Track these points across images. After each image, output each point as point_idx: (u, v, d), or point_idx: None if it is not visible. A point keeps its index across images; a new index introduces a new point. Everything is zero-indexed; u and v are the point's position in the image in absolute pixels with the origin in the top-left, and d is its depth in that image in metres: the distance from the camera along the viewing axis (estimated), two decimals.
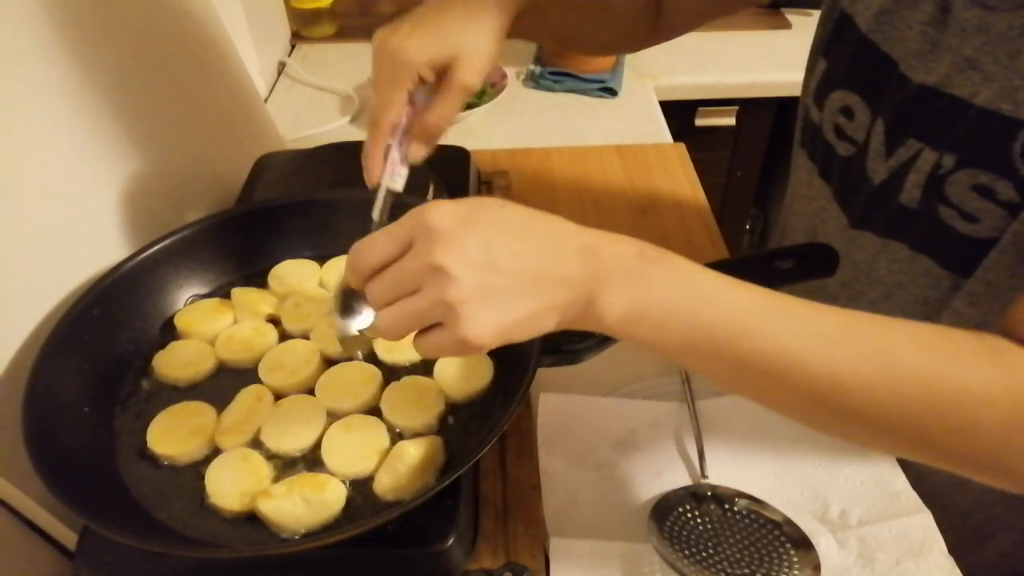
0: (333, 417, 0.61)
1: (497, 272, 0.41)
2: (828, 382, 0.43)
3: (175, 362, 0.65)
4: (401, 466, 0.55)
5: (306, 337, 0.69)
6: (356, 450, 0.58)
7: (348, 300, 0.52)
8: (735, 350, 0.43)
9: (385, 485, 0.56)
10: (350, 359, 0.66)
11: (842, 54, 0.66)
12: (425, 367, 0.65)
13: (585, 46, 0.88)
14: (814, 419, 0.47)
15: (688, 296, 0.43)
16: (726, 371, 0.45)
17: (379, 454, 0.58)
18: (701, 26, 0.79)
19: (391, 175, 0.58)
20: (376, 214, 0.58)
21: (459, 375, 0.64)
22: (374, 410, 0.62)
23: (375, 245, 0.44)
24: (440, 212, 0.42)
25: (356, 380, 0.64)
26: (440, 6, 0.57)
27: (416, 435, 0.59)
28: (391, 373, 0.65)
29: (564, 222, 0.44)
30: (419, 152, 0.59)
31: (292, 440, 0.60)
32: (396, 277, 0.43)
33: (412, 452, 0.56)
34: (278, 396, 0.63)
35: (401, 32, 0.56)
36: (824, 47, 0.69)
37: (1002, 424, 0.42)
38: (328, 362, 0.66)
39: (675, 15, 0.77)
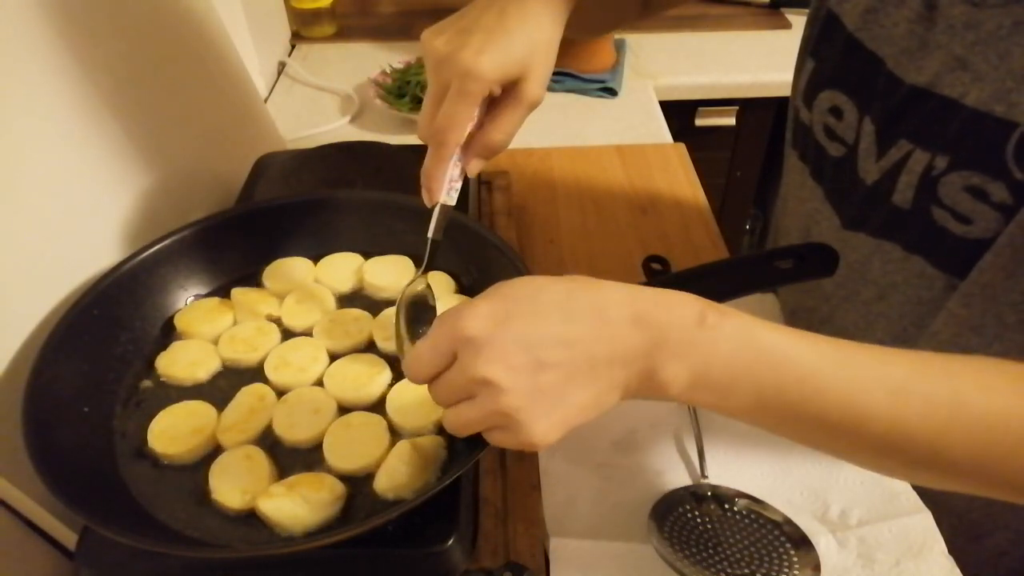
0: (342, 408, 0.62)
1: (546, 370, 0.40)
2: (897, 434, 0.42)
3: (179, 362, 0.65)
4: (401, 465, 0.55)
5: (308, 333, 0.69)
6: (357, 447, 0.58)
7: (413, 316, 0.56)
8: (803, 410, 0.42)
9: (385, 484, 0.56)
10: (356, 352, 0.67)
11: (829, 54, 0.66)
12: None
13: (591, 29, 0.88)
14: (885, 468, 0.47)
15: (752, 360, 0.42)
16: (796, 429, 0.45)
17: (380, 452, 0.58)
18: (682, 4, 0.79)
19: (448, 191, 0.57)
20: (432, 232, 0.57)
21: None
22: (380, 404, 0.62)
23: (422, 361, 0.44)
24: (474, 319, 0.41)
25: (363, 373, 0.64)
26: (502, 15, 0.53)
27: (418, 435, 0.59)
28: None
29: (608, 289, 0.43)
30: (478, 167, 0.57)
31: (304, 429, 0.60)
32: (449, 388, 0.44)
33: (412, 451, 0.56)
34: (282, 394, 0.63)
35: (472, 47, 0.51)
36: (812, 47, 0.69)
37: None
38: (334, 358, 0.66)
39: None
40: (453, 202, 0.57)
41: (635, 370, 0.42)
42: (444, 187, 0.56)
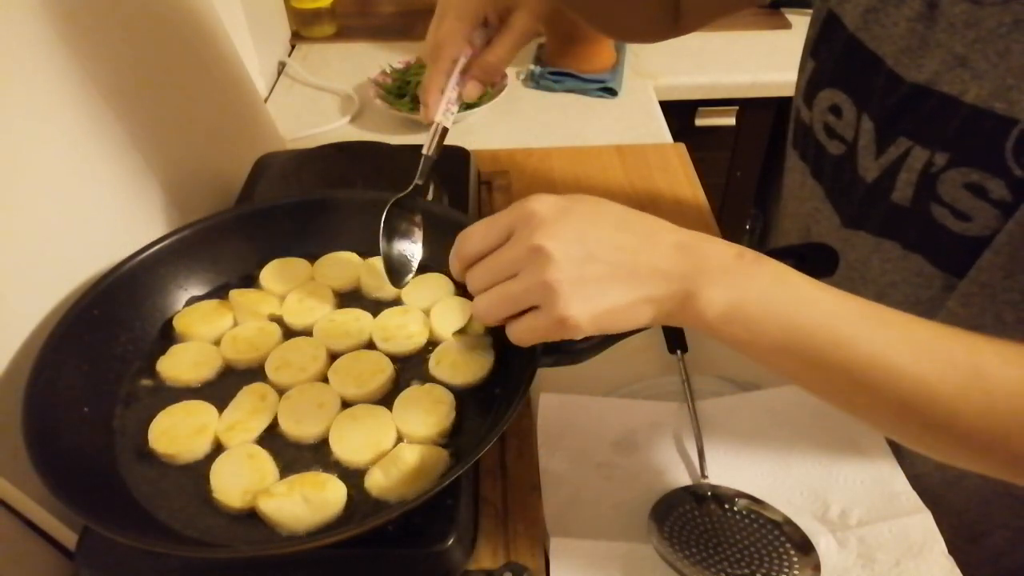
0: (345, 404, 0.62)
1: (594, 261, 0.43)
2: (918, 391, 0.43)
3: (182, 363, 0.65)
4: (395, 470, 0.55)
5: (309, 332, 0.69)
6: (363, 440, 0.58)
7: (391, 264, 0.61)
8: (828, 356, 0.43)
9: (379, 484, 0.56)
10: (358, 348, 0.67)
11: (830, 53, 0.66)
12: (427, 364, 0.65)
13: (613, 30, 0.90)
14: (901, 429, 0.47)
15: (785, 299, 0.43)
16: (817, 376, 0.45)
17: (387, 445, 0.58)
18: (715, 21, 0.81)
19: (445, 112, 0.61)
20: (427, 149, 0.61)
21: (459, 365, 0.64)
22: (383, 400, 0.63)
23: (478, 232, 0.46)
24: (541, 202, 0.44)
25: (367, 370, 0.64)
26: None
27: (419, 442, 0.59)
28: (402, 369, 0.66)
29: (658, 220, 0.46)
30: (475, 91, 0.62)
31: (310, 425, 0.60)
32: (497, 262, 0.45)
33: (408, 458, 0.56)
34: (283, 394, 0.63)
35: None
36: (812, 47, 0.69)
37: None
38: (333, 357, 0.66)
39: (690, 10, 0.78)
40: (449, 124, 0.61)
41: (672, 289, 0.43)
42: (441, 105, 0.60)
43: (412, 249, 0.65)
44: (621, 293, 0.43)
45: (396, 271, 0.64)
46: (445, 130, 0.61)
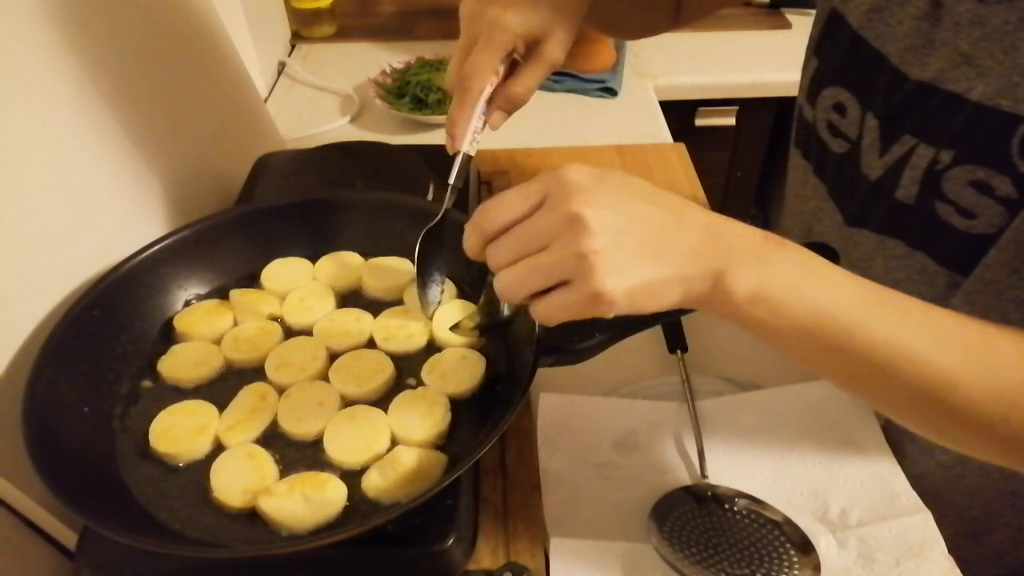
0: (346, 403, 0.62)
1: (630, 232, 0.41)
2: (938, 379, 0.43)
3: (183, 363, 0.65)
4: (392, 472, 0.55)
5: (310, 332, 0.69)
6: (356, 442, 0.58)
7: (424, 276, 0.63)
8: (849, 340, 0.43)
9: (376, 486, 0.56)
10: (358, 348, 0.67)
11: (834, 52, 0.66)
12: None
13: (623, 30, 0.91)
14: (918, 417, 0.47)
15: (809, 283, 0.43)
16: (837, 362, 0.45)
17: (381, 448, 0.58)
18: (714, 13, 0.80)
19: (470, 142, 0.60)
20: (453, 179, 0.61)
21: (450, 374, 0.64)
22: (384, 399, 0.63)
23: (506, 201, 0.43)
24: (577, 169, 0.42)
25: (367, 369, 0.64)
26: None
27: (416, 445, 0.59)
28: (402, 369, 0.66)
29: (687, 200, 0.45)
30: (499, 120, 0.62)
31: (310, 423, 0.60)
32: (525, 232, 0.42)
33: (405, 461, 0.56)
34: (283, 393, 0.63)
35: (501, 2, 0.57)
36: (816, 45, 0.69)
37: None
38: (333, 357, 0.66)
39: (690, 3, 0.78)
40: (473, 152, 0.61)
41: (701, 269, 0.42)
42: (467, 136, 0.60)
43: (440, 277, 0.67)
44: (655, 268, 0.42)
45: (429, 301, 0.67)
46: (469, 158, 0.61)
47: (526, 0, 0.57)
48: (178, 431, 0.59)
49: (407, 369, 0.66)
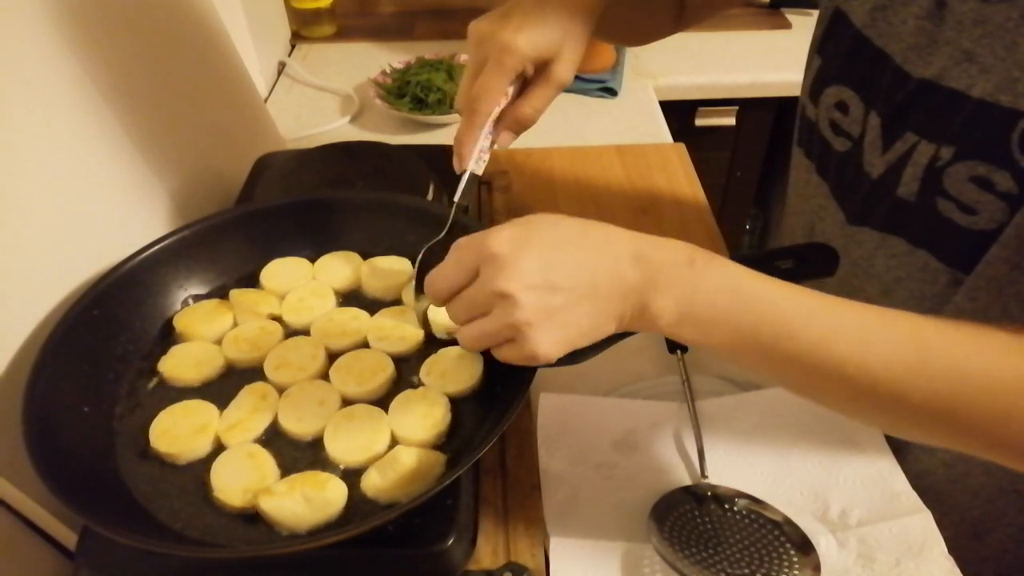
0: (346, 402, 0.62)
1: (557, 292, 0.45)
2: (864, 377, 0.45)
3: (184, 363, 0.65)
4: (391, 472, 0.55)
5: (308, 332, 0.69)
6: (356, 441, 0.58)
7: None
8: (777, 349, 0.46)
9: (375, 485, 0.56)
10: (356, 348, 0.67)
11: (837, 50, 0.66)
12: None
13: (627, 37, 0.92)
14: (854, 411, 0.50)
15: (732, 301, 0.46)
16: (770, 368, 0.48)
17: (381, 447, 0.58)
18: (716, 15, 0.81)
19: (477, 160, 0.61)
20: (458, 197, 0.61)
21: (449, 374, 0.64)
22: (384, 399, 0.63)
23: (446, 274, 0.49)
24: (499, 239, 0.46)
25: (367, 368, 0.64)
26: (540, 2, 0.59)
27: (416, 445, 0.59)
28: (403, 370, 0.66)
29: (616, 229, 0.48)
30: (507, 140, 0.63)
31: (311, 422, 0.60)
32: (468, 302, 0.48)
33: (405, 461, 0.56)
34: (283, 392, 0.63)
35: (511, 25, 0.58)
36: (819, 44, 0.69)
37: None
38: (332, 357, 0.66)
39: (694, 6, 0.79)
40: (480, 171, 0.62)
41: (631, 303, 0.46)
42: (474, 155, 0.61)
43: None
44: (584, 318, 0.46)
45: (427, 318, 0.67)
46: (476, 176, 0.61)
47: (535, 23, 0.58)
48: (178, 431, 0.59)
49: (408, 369, 0.66)
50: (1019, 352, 0.44)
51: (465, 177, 0.61)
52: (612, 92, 1.37)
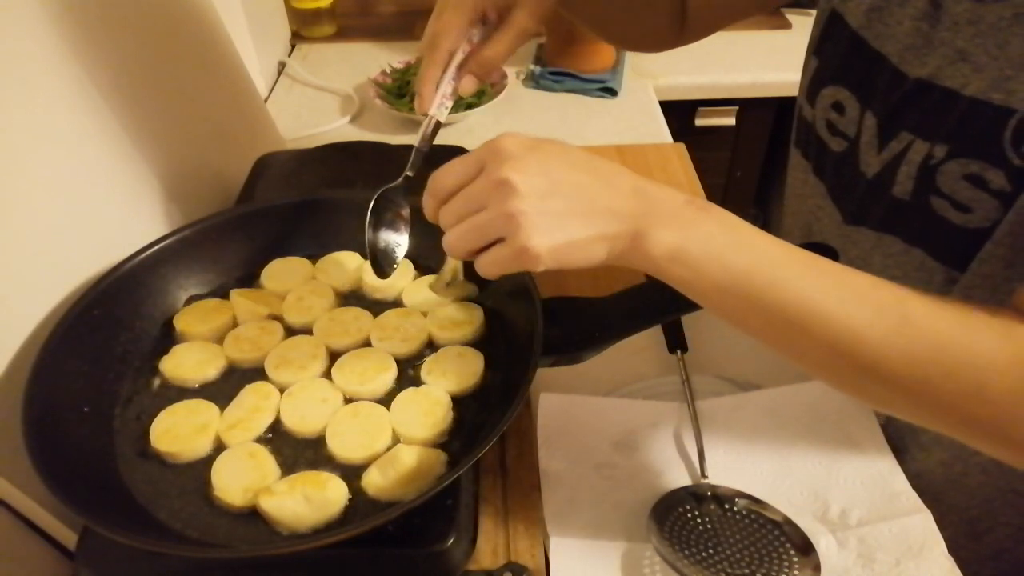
0: (348, 400, 0.62)
1: (556, 195, 0.45)
2: (846, 335, 0.45)
3: (186, 363, 0.65)
4: (392, 471, 0.55)
5: (310, 330, 0.69)
6: (358, 438, 0.58)
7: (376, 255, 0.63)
8: (764, 297, 0.46)
9: (376, 484, 0.56)
10: (357, 347, 0.67)
11: (833, 51, 0.67)
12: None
13: (617, 38, 0.92)
14: (831, 372, 0.50)
15: (727, 243, 0.46)
16: (754, 318, 0.48)
17: (383, 445, 0.58)
18: (723, 28, 0.81)
19: (439, 105, 0.61)
20: (419, 142, 0.61)
21: (450, 373, 0.64)
22: (386, 398, 0.63)
23: (452, 169, 0.49)
24: (511, 139, 0.47)
25: (370, 368, 0.64)
26: None
27: (417, 444, 0.59)
28: (405, 369, 0.66)
29: (620, 166, 0.49)
30: (470, 85, 0.62)
31: (314, 420, 0.60)
32: (466, 196, 0.48)
33: (406, 459, 0.56)
34: (283, 392, 0.63)
35: None
36: (816, 45, 0.70)
37: (1007, 393, 0.44)
38: (332, 356, 0.66)
39: (697, 19, 0.79)
40: (443, 118, 0.62)
41: (624, 228, 0.46)
42: (436, 98, 0.61)
43: (398, 240, 0.65)
44: (579, 228, 0.46)
45: (381, 261, 0.65)
46: (439, 124, 0.61)
47: None
48: (179, 430, 0.59)
49: (410, 368, 0.66)
50: (999, 331, 0.45)
51: (427, 121, 0.61)
52: (612, 92, 1.37)
